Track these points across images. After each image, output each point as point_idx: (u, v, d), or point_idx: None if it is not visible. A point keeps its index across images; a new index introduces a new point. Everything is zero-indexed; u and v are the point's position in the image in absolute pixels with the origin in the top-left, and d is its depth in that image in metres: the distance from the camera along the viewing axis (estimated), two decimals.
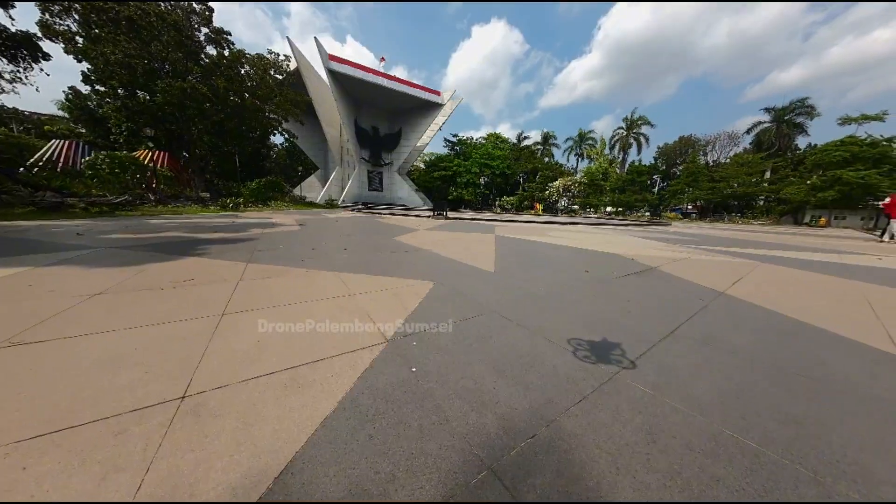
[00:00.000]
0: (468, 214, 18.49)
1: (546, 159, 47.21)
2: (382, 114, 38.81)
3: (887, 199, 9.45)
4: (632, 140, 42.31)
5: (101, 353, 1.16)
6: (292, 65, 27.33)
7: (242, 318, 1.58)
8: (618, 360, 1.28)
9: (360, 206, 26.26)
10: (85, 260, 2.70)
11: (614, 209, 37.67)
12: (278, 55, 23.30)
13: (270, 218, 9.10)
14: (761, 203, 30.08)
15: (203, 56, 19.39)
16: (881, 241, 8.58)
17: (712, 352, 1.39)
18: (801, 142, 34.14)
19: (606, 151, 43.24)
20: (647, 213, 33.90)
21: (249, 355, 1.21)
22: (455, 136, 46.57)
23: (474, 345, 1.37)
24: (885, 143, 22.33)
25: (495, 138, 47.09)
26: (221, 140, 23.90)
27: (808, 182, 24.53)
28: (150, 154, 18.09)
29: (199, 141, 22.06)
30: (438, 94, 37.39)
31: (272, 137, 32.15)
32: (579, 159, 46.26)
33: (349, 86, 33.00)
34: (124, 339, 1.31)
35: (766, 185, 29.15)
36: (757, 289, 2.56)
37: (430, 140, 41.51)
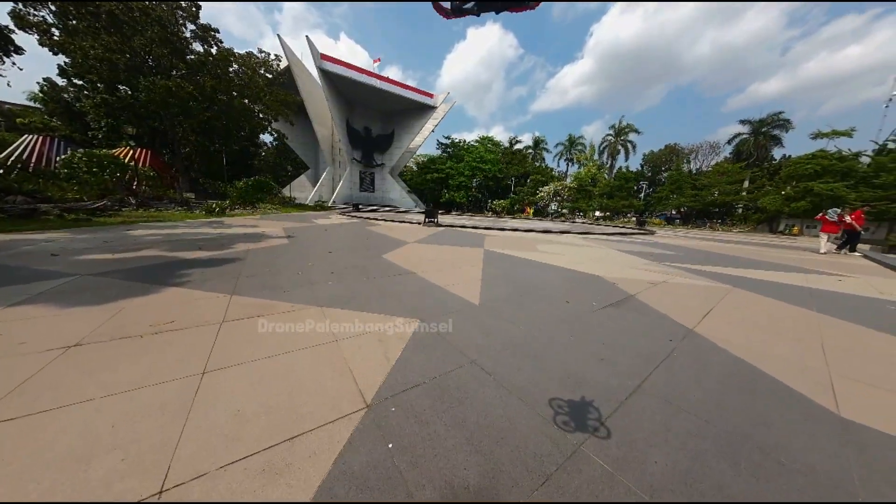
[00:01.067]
0: (460, 220, 18.56)
1: (537, 163, 47.78)
2: (375, 115, 38.50)
3: (820, 214, 10.60)
4: (620, 146, 43.30)
5: (74, 437, 1.16)
6: (283, 63, 26.81)
7: (223, 378, 1.59)
8: (584, 427, 1.36)
9: (351, 208, 25.99)
10: (60, 295, 2.62)
11: (603, 214, 38.47)
12: (268, 55, 22.82)
13: (257, 226, 8.95)
14: (740, 211, 31.31)
15: (189, 53, 18.78)
16: (836, 252, 9.74)
17: (673, 414, 1.48)
18: (778, 153, 35.69)
19: (596, 157, 44.10)
20: (634, 219, 34.65)
21: (229, 432, 1.23)
22: (448, 138, 46.57)
23: (451, 410, 1.43)
24: (851, 157, 23.64)
25: (487, 141, 47.34)
26: (208, 139, 23.22)
27: (783, 192, 25.71)
28: (131, 152, 17.42)
29: (184, 139, 21.38)
30: (432, 96, 37.36)
31: (261, 135, 31.43)
32: (569, 164, 47.04)
33: (342, 86, 32.60)
34: (100, 412, 1.30)
35: (744, 193, 30.38)
36: (723, 324, 2.71)
37: (422, 142, 41.41)
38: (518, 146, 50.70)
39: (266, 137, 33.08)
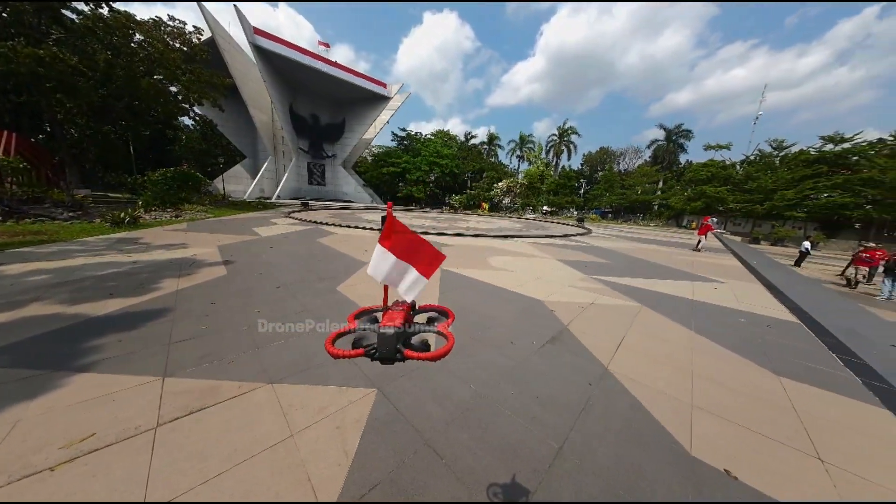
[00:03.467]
0: (419, 220, 18.45)
1: (492, 160, 49.31)
2: (323, 102, 35.40)
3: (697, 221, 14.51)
4: (563, 147, 46.88)
5: None
6: (206, 36, 22.83)
7: None
8: None
9: (299, 206, 23.90)
10: None
11: (550, 209, 41.74)
12: (184, 23, 19.21)
13: (186, 244, 7.81)
14: (656, 208, 36.85)
15: (69, 15, 14.84)
16: (696, 250, 13.35)
17: (582, 477, 1.87)
18: (683, 158, 42.49)
19: (543, 156, 47.16)
20: (575, 213, 38.35)
21: None
22: (404, 130, 45.33)
23: None
24: (730, 166, 29.48)
25: (444, 135, 47.19)
26: (106, 122, 19.00)
27: (685, 194, 30.98)
28: None
29: (69, 122, 17.14)
30: (385, 86, 35.66)
31: (181, 118, 26.66)
32: (520, 161, 49.53)
33: (282, 67, 29.15)
34: None
35: (659, 193, 35.80)
36: (629, 357, 3.34)
37: (377, 133, 39.64)
38: (473, 141, 51.61)
39: (188, 119, 28.12)
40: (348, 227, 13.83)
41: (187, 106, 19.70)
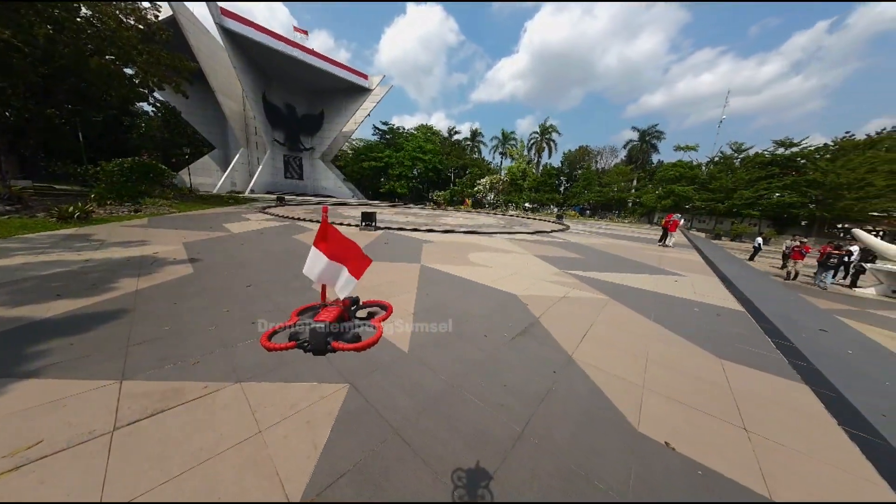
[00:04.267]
0: (399, 217, 18.31)
1: (475, 156, 49.54)
2: (300, 92, 33.99)
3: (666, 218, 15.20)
4: (545, 144, 47.93)
5: None
6: (166, 14, 21.15)
7: None
8: (474, 496, 1.78)
9: (275, 201, 22.95)
10: None
11: (531, 206, 42.68)
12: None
13: (146, 241, 7.35)
14: (630, 205, 38.75)
15: None
16: (661, 245, 14.26)
17: (540, 457, 2.03)
18: (655, 157, 44.78)
19: (525, 153, 47.96)
20: (556, 210, 39.47)
21: None
22: (386, 123, 44.39)
23: (374, 497, 1.68)
24: (696, 167, 31.55)
25: (427, 130, 46.73)
26: (49, 105, 17.22)
27: (656, 192, 32.81)
28: None
29: (4, 104, 15.35)
30: (366, 77, 34.77)
31: (138, 103, 24.56)
32: (503, 158, 50.12)
33: (254, 52, 27.62)
34: None
35: (633, 191, 37.64)
36: (593, 346, 3.59)
37: (357, 126, 38.65)
38: (457, 136, 51.52)
39: (148, 105, 25.98)
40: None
41: (145, 91, 18.19)
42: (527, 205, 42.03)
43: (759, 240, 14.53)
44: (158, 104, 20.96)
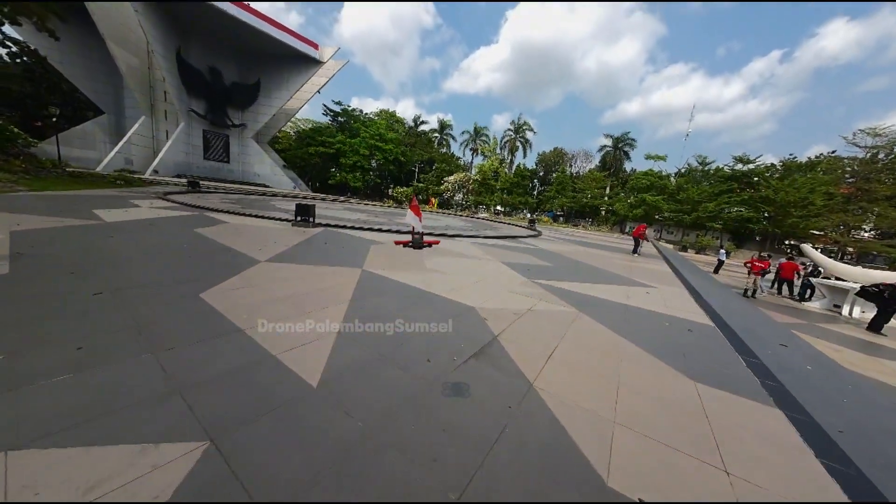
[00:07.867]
0: (350, 214, 17.31)
1: (443, 150, 49.82)
2: (229, 53, 31.18)
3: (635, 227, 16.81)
4: (518, 143, 49.98)
5: None
6: None
7: None
8: None
9: (186, 185, 20.36)
10: None
11: (503, 209, 43.88)
12: None
13: None
14: (603, 213, 41.84)
15: None
16: (636, 255, 15.16)
17: None
18: (628, 166, 49.22)
19: (498, 151, 49.53)
20: (529, 215, 41.00)
21: None
22: (339, 104, 42.73)
23: None
24: (666, 177, 35.24)
25: (389, 117, 46.04)
26: None
27: (629, 201, 35.88)
28: None
29: None
30: (317, 47, 33.06)
31: None
32: (474, 154, 51.20)
33: None
34: None
35: (606, 199, 40.73)
36: (558, 370, 3.34)
37: (303, 105, 36.62)
38: (423, 127, 51.45)
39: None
40: (248, 215, 12.15)
41: None
42: (498, 208, 43.11)
43: (723, 252, 16.31)
44: (13, 45, 17.42)
